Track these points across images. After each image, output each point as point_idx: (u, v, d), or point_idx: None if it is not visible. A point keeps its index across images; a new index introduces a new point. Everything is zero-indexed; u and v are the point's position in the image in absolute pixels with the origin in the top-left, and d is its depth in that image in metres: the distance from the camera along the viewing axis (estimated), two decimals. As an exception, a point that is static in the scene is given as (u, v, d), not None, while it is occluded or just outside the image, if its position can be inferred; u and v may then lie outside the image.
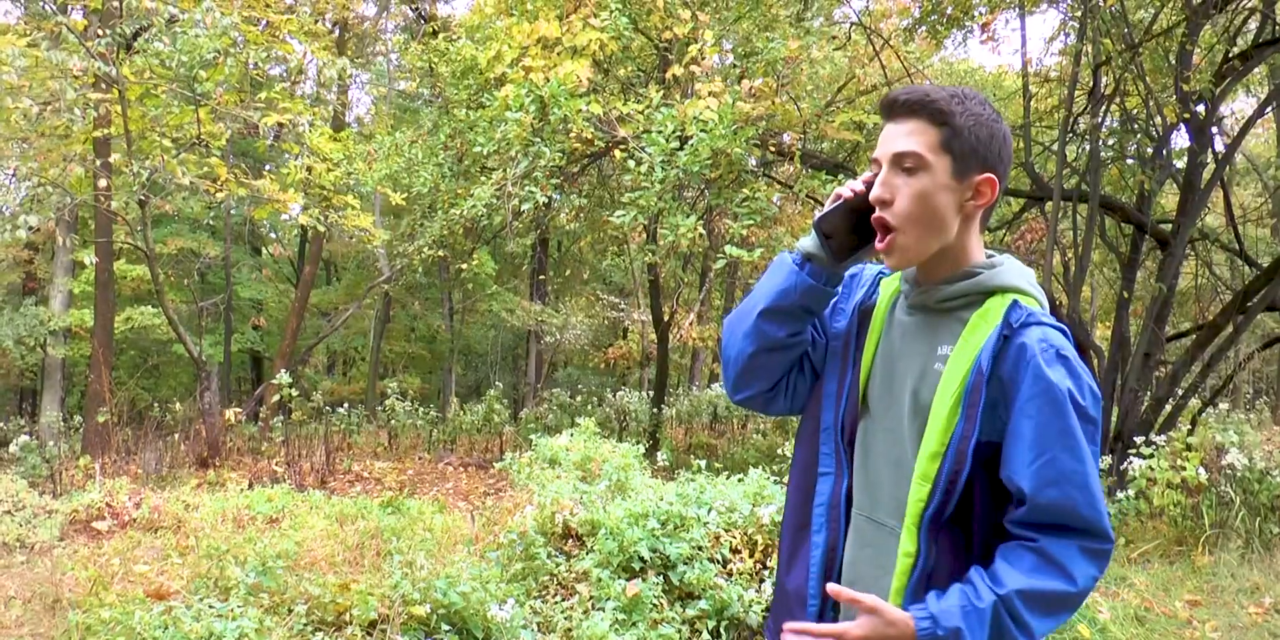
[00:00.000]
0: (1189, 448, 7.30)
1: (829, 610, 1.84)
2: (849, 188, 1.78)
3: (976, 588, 1.60)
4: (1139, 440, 7.22)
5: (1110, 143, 9.90)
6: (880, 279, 1.94)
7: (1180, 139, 9.88)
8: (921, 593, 1.66)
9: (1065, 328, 1.70)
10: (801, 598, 1.86)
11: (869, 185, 1.75)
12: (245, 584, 4.22)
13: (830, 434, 1.87)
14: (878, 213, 1.72)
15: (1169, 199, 12.79)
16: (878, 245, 1.74)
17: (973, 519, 1.67)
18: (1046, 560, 1.59)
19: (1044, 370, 1.61)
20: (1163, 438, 7.40)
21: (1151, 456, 6.92)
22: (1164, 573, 6.10)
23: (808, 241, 1.83)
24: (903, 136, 1.71)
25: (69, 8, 12.51)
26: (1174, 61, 8.61)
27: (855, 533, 1.81)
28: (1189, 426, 8.91)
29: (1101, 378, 8.48)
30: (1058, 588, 1.58)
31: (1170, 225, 9.14)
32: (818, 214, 1.80)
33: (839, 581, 1.81)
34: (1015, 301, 1.70)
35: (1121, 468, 7.42)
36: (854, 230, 1.79)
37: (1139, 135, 9.50)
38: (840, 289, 1.90)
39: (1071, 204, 9.13)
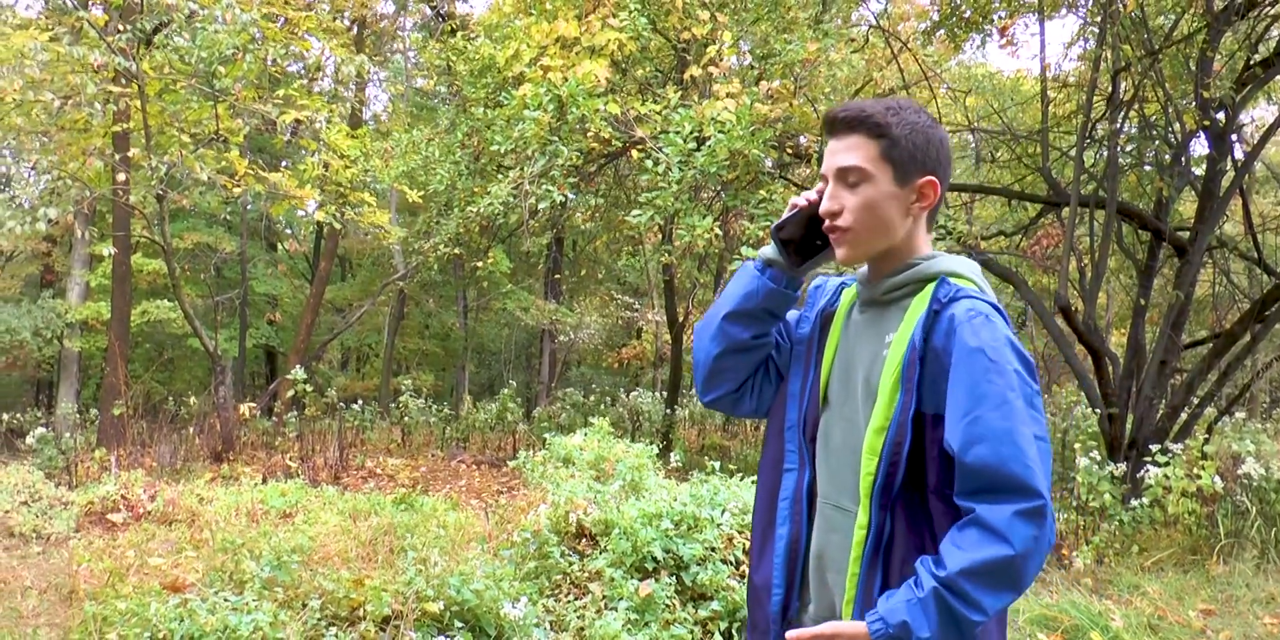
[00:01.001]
0: (1205, 456, 7.26)
1: (794, 600, 1.94)
2: (804, 197, 1.93)
3: (919, 577, 1.66)
4: (1154, 448, 7.19)
5: (1129, 149, 9.85)
6: (842, 288, 2.05)
7: (1199, 146, 9.83)
8: (877, 562, 1.74)
9: (999, 306, 1.77)
10: (767, 589, 1.95)
11: (821, 194, 1.87)
12: (260, 578, 4.24)
13: (794, 431, 1.97)
14: (828, 223, 1.85)
15: (1187, 206, 12.71)
16: (832, 239, 1.87)
17: (927, 489, 1.74)
18: (984, 529, 1.63)
19: (969, 335, 1.69)
20: (1178, 446, 7.36)
21: (1167, 464, 6.88)
22: (1178, 581, 6.06)
23: (768, 249, 1.97)
24: (844, 151, 1.83)
25: (90, 3, 12.55)
26: (1194, 68, 8.55)
27: (822, 520, 1.89)
28: (1205, 435, 8.86)
29: (1116, 385, 8.44)
30: (998, 554, 1.60)
31: (1188, 232, 9.08)
32: (775, 222, 1.94)
33: (804, 571, 1.92)
34: (943, 278, 1.80)
35: (1137, 476, 7.38)
36: (811, 236, 1.92)
37: (1157, 142, 9.45)
38: (799, 293, 2.03)
39: (1089, 210, 9.08)
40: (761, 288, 1.95)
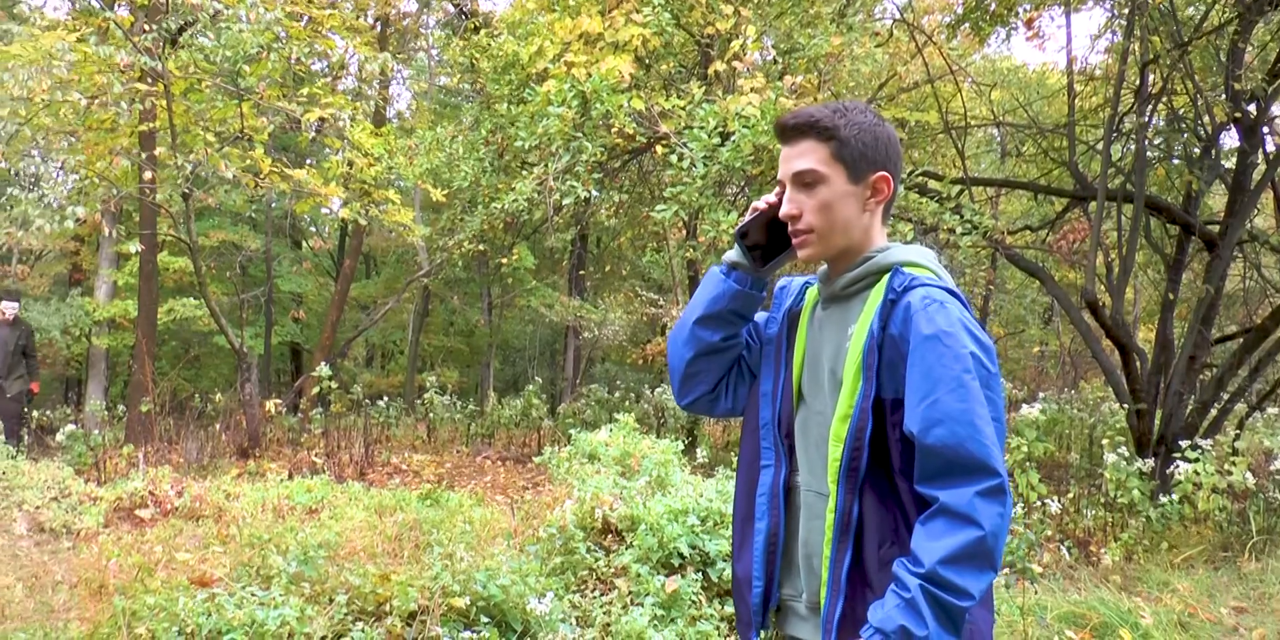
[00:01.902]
0: (1235, 452, 7.18)
1: (774, 592, 2.01)
2: (764, 201, 2.02)
3: (902, 579, 1.69)
4: (1183, 444, 7.12)
5: (1157, 142, 9.76)
6: (806, 288, 2.13)
7: (1230, 139, 9.73)
8: (847, 542, 1.80)
9: (955, 291, 1.83)
10: (748, 582, 2.03)
11: (780, 197, 1.96)
12: (286, 573, 4.25)
13: (769, 429, 2.05)
14: (791, 227, 1.93)
15: (1217, 200, 12.59)
16: (794, 242, 1.94)
17: (893, 473, 1.79)
18: (951, 516, 1.67)
19: (925, 322, 1.75)
20: (1208, 442, 7.29)
21: (1196, 460, 6.81)
22: (1208, 578, 6.00)
23: (732, 253, 2.06)
24: (797, 156, 1.92)
25: (116, 4, 12.64)
26: (1225, 59, 8.46)
27: (805, 509, 1.96)
28: (1235, 431, 8.77)
29: (1144, 381, 8.37)
30: (970, 537, 1.65)
31: (1218, 226, 8.99)
32: (738, 226, 2.03)
33: (787, 561, 2.00)
34: (897, 269, 1.86)
35: (1166, 472, 7.31)
36: (772, 238, 2.01)
37: (1186, 135, 9.35)
38: (765, 294, 2.11)
39: (1116, 204, 9.01)
40: (728, 290, 2.05)
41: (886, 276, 1.86)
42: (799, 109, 1.93)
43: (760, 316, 2.17)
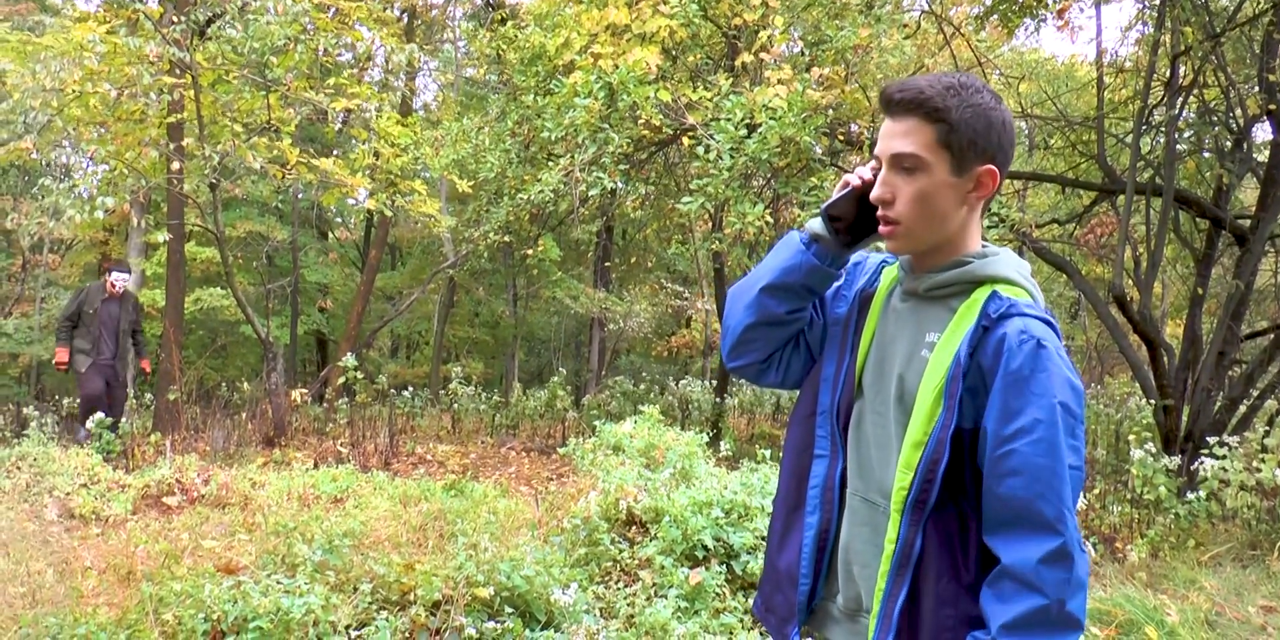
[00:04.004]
0: (1265, 449, 7.11)
1: (820, 588, 1.90)
2: (857, 176, 1.84)
3: None
4: (1211, 441, 7.06)
5: (1187, 135, 9.67)
6: (883, 267, 1.98)
7: (1262, 132, 9.62)
8: (904, 577, 1.69)
9: (1050, 319, 1.70)
10: (792, 577, 1.92)
11: (876, 173, 1.79)
12: (312, 561, 4.28)
13: (826, 417, 1.91)
14: (881, 211, 1.77)
15: (1248, 194, 12.47)
16: (881, 231, 1.79)
17: (963, 506, 1.69)
18: (1015, 581, 1.60)
19: (1017, 363, 1.63)
20: (1236, 439, 7.22)
21: (1224, 457, 6.75)
22: (1236, 577, 5.94)
23: (815, 223, 1.88)
24: (899, 136, 1.73)
25: (146, -6, 12.71)
26: (1259, 51, 8.36)
27: (850, 513, 1.85)
28: (1265, 427, 8.69)
29: (1172, 376, 8.29)
30: (1034, 605, 1.58)
31: (1249, 221, 8.90)
32: (826, 201, 1.86)
33: (831, 561, 1.88)
34: (995, 292, 1.72)
35: (1192, 468, 7.25)
36: (860, 216, 1.84)
37: (1218, 127, 9.26)
38: (843, 272, 1.96)
39: (1145, 198, 8.93)
40: (805, 263, 1.88)
41: (979, 294, 1.73)
42: (909, 79, 1.75)
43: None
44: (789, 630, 1.93)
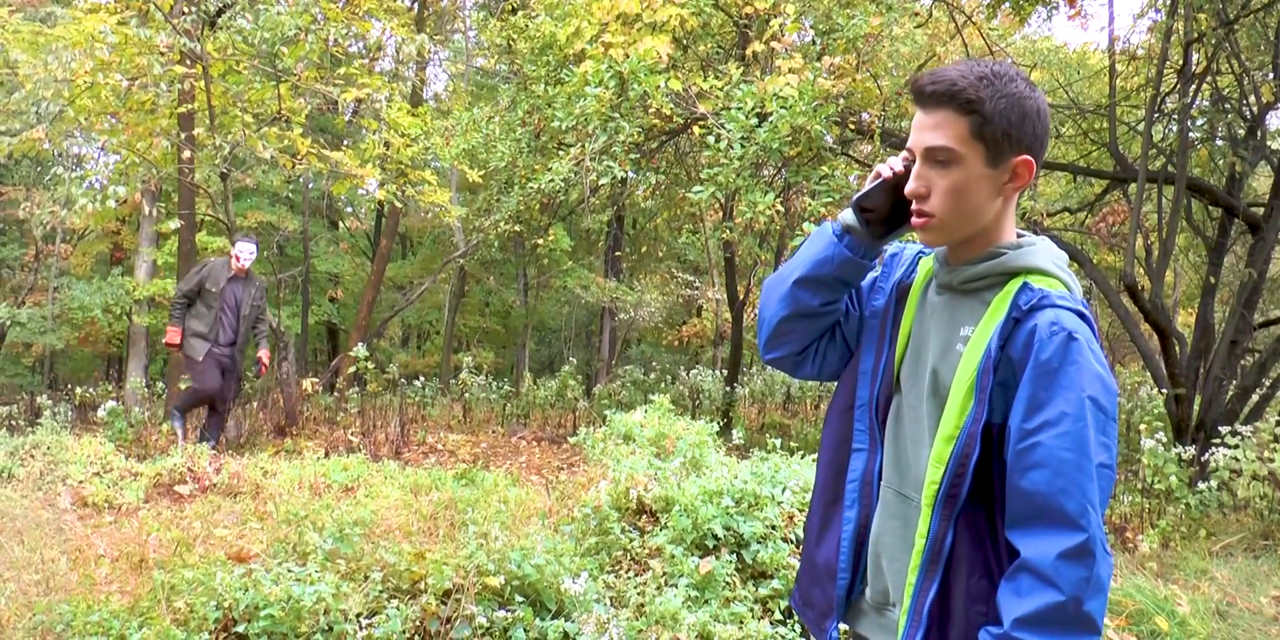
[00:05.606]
0: (1277, 439, 7.08)
1: (859, 583, 1.90)
2: (889, 167, 1.81)
3: None
4: (1223, 430, 7.03)
5: (1199, 123, 9.62)
6: (920, 258, 1.95)
7: (1276, 119, 9.59)
8: (935, 573, 1.68)
9: (1084, 310, 1.67)
10: (831, 571, 1.91)
11: (908, 164, 1.76)
12: (323, 550, 4.29)
13: (865, 411, 1.90)
14: (915, 206, 1.74)
15: (1262, 182, 12.40)
16: (914, 223, 1.76)
17: (995, 502, 1.66)
18: (1033, 574, 1.57)
19: (1047, 355, 1.60)
20: (1248, 428, 7.19)
21: (1236, 447, 6.73)
22: (1248, 567, 5.92)
23: (848, 214, 1.86)
24: (932, 129, 1.70)
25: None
26: (1273, 38, 8.32)
27: (883, 506, 1.85)
28: (1277, 418, 8.67)
29: (1184, 365, 8.27)
30: (1050, 601, 1.55)
31: (1262, 209, 8.85)
32: (857, 193, 1.83)
33: (867, 555, 1.87)
34: (1026, 284, 1.69)
35: (1203, 458, 7.23)
36: (893, 208, 1.82)
37: (1231, 115, 9.21)
38: (876, 263, 1.95)
39: (1157, 186, 8.88)
40: (838, 255, 1.87)
41: (1012, 285, 1.69)
42: (940, 70, 1.72)
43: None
44: (828, 624, 1.92)
